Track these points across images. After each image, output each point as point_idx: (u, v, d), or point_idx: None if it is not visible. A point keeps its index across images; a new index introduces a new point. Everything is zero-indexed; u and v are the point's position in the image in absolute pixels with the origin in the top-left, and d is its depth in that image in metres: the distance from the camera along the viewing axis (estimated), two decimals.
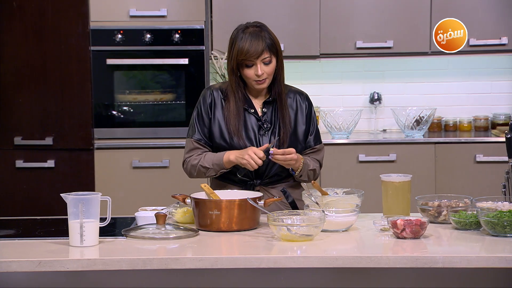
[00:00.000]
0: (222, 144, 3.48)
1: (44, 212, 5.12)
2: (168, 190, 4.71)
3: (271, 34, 3.46)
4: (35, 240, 2.98)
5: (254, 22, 3.49)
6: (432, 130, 5.81)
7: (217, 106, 3.51)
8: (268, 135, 3.50)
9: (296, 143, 3.52)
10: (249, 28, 3.44)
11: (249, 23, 3.48)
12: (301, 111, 3.56)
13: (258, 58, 3.39)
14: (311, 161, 3.54)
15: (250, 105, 3.51)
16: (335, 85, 5.91)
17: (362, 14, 5.52)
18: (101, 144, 5.33)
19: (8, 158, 5.31)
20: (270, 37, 3.44)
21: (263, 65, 3.41)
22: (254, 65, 3.41)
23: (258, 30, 3.43)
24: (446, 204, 3.23)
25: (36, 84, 5.29)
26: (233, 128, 3.47)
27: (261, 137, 3.49)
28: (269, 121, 3.51)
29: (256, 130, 3.49)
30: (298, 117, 3.55)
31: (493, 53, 5.58)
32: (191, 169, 3.50)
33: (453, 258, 2.72)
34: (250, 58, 3.39)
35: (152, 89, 5.41)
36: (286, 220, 2.99)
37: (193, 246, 2.91)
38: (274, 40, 3.45)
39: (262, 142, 3.48)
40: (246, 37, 3.40)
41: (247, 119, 3.50)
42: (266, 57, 3.41)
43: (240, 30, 3.44)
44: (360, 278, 2.96)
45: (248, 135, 3.48)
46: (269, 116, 3.51)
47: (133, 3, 5.34)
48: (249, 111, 3.50)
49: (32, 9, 5.25)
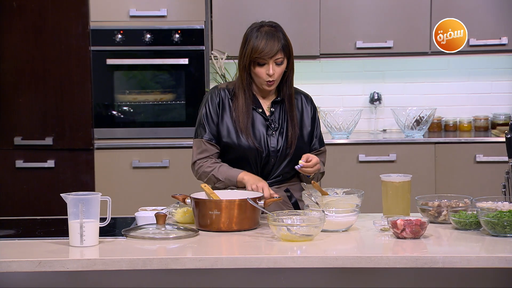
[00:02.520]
0: (229, 143, 3.47)
1: (44, 212, 5.12)
2: (168, 190, 4.72)
3: (285, 35, 3.45)
4: (35, 240, 2.98)
5: (269, 21, 3.48)
6: (432, 130, 5.81)
7: (224, 105, 3.50)
8: (276, 135, 3.49)
9: (302, 144, 3.52)
10: (264, 27, 3.43)
11: (264, 22, 3.47)
12: (307, 113, 3.56)
13: (271, 58, 3.39)
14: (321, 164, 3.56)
15: (258, 105, 3.51)
16: (335, 85, 5.91)
17: (362, 14, 5.52)
18: (101, 144, 5.33)
19: (8, 158, 5.31)
20: (285, 38, 3.44)
21: (275, 65, 3.41)
22: (266, 64, 3.41)
23: (273, 30, 3.42)
24: (446, 204, 3.23)
25: (36, 84, 5.29)
26: (242, 126, 3.46)
27: (268, 137, 3.49)
28: (277, 121, 3.51)
29: (264, 130, 3.49)
30: (304, 119, 3.55)
31: (493, 53, 5.58)
32: (202, 174, 3.49)
33: (453, 258, 2.72)
34: (264, 57, 3.38)
35: (152, 89, 5.41)
36: (286, 220, 3.00)
37: (193, 246, 2.91)
38: (288, 42, 3.45)
39: (270, 142, 3.48)
40: (262, 36, 3.39)
41: (255, 118, 3.50)
42: (280, 57, 3.41)
43: (255, 28, 3.43)
44: (360, 278, 2.96)
45: (255, 135, 3.47)
46: (277, 117, 3.51)
47: (133, 3, 5.34)
48: (257, 111, 3.50)
49: (32, 9, 5.25)
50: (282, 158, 3.48)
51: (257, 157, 3.46)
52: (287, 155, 3.48)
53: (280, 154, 3.47)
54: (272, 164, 3.47)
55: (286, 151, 3.47)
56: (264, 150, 3.46)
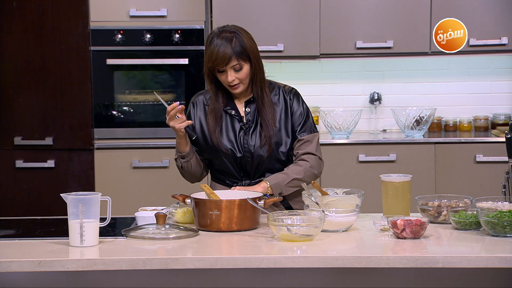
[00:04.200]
0: (203, 146, 3.53)
1: (44, 212, 5.12)
2: (168, 190, 4.72)
3: (243, 40, 3.41)
4: (35, 240, 2.98)
5: (230, 26, 3.46)
6: (432, 130, 5.81)
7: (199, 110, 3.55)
8: (254, 134, 3.50)
9: (284, 140, 3.51)
10: (222, 33, 3.41)
11: (226, 27, 3.45)
12: (286, 106, 3.55)
13: (227, 65, 3.40)
14: (289, 172, 3.47)
15: (233, 107, 3.52)
16: (335, 85, 5.91)
17: (362, 14, 5.52)
18: (101, 144, 5.33)
19: (8, 158, 5.32)
20: (241, 44, 3.40)
21: (233, 72, 3.41)
22: (224, 71, 3.42)
23: (230, 37, 3.40)
24: (446, 204, 3.23)
25: (36, 84, 5.29)
26: (211, 129, 3.49)
27: (242, 138, 3.49)
28: (252, 121, 3.51)
29: (237, 131, 3.50)
30: (286, 112, 3.54)
31: (493, 53, 5.57)
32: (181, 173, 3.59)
33: (453, 258, 2.72)
34: (218, 66, 3.40)
35: (152, 89, 5.41)
36: (286, 220, 3.00)
37: (193, 246, 2.91)
38: (245, 46, 3.40)
39: (246, 142, 3.48)
40: (215, 44, 3.39)
41: (228, 120, 3.51)
42: (235, 64, 3.40)
43: (215, 35, 3.42)
44: (360, 278, 2.96)
45: (229, 137, 3.49)
46: (252, 116, 3.52)
47: (133, 3, 5.34)
48: (230, 113, 3.51)
49: (32, 9, 5.25)
50: (260, 157, 3.48)
51: (231, 158, 3.48)
52: (265, 153, 3.47)
53: (256, 153, 3.47)
54: (251, 164, 3.48)
55: (262, 150, 3.47)
56: (238, 151, 3.47)
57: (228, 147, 3.48)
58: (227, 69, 3.40)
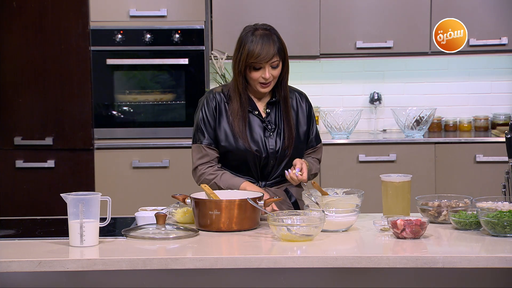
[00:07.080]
0: (227, 147, 3.46)
1: (44, 212, 5.12)
2: (168, 190, 4.72)
3: (280, 37, 3.44)
4: (35, 240, 2.98)
5: (262, 24, 3.46)
6: (432, 130, 5.81)
7: (221, 109, 3.49)
8: (274, 136, 3.49)
9: (299, 144, 3.52)
10: (258, 30, 3.41)
11: (258, 25, 3.45)
12: (302, 112, 3.56)
13: (268, 62, 3.38)
14: (313, 164, 3.56)
15: (254, 107, 3.50)
16: (335, 85, 5.91)
17: (362, 14, 5.52)
18: (101, 144, 5.33)
19: (8, 158, 5.32)
20: (280, 41, 3.42)
21: (271, 69, 3.40)
22: (262, 68, 3.39)
23: (268, 33, 3.40)
24: (446, 204, 3.23)
25: (36, 84, 5.29)
26: (238, 130, 3.45)
27: (266, 139, 3.48)
28: (273, 122, 3.50)
29: (262, 132, 3.48)
30: (299, 117, 3.55)
31: (493, 53, 5.57)
32: (203, 181, 3.46)
33: (453, 258, 2.72)
34: (261, 61, 3.37)
35: (152, 89, 5.41)
36: (286, 220, 3.00)
37: (193, 246, 2.91)
38: (282, 44, 3.43)
39: (268, 144, 3.47)
40: (257, 40, 3.37)
41: (252, 121, 3.49)
42: (275, 60, 3.39)
43: (250, 32, 3.40)
44: (360, 278, 2.96)
45: (253, 138, 3.47)
46: (273, 117, 3.51)
47: (133, 3, 5.34)
48: (253, 113, 3.49)
49: (32, 9, 5.25)
50: (281, 159, 3.48)
51: (255, 159, 3.46)
52: (286, 156, 3.48)
53: (278, 155, 3.47)
54: (271, 165, 3.48)
55: (285, 152, 3.47)
56: (263, 152, 3.46)
57: (255, 148, 3.45)
58: (266, 66, 3.38)
